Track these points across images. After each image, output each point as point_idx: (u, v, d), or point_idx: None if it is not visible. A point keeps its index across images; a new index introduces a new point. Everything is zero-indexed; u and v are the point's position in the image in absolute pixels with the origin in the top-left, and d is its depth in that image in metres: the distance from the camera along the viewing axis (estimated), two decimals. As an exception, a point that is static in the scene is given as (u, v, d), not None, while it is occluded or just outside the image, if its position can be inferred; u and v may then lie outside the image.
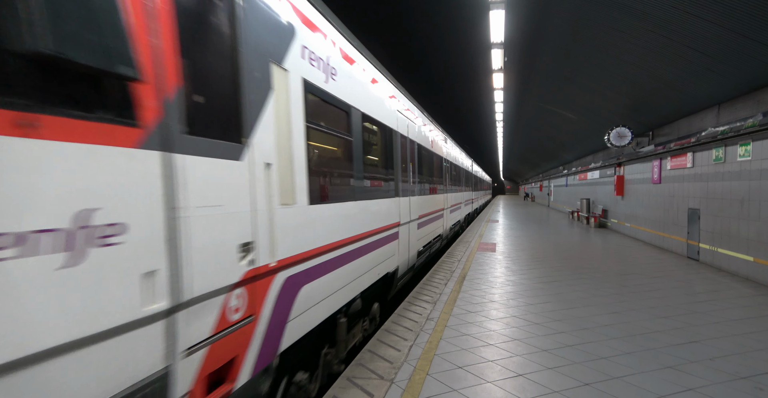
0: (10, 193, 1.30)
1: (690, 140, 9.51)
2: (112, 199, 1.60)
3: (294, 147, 2.99)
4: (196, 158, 2.04)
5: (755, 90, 7.62)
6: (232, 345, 2.31)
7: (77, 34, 1.44)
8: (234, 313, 2.32)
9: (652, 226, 12.45)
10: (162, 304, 1.82)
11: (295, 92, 3.02)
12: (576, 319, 5.33)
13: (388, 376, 3.76)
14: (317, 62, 3.44)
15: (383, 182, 5.37)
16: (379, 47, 14.43)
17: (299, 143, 3.06)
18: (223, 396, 2.24)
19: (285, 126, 2.91)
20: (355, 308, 4.56)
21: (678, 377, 3.74)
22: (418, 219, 7.57)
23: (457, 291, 6.75)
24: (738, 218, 8.04)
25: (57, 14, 1.38)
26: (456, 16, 12.13)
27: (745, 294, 6.63)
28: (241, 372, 2.42)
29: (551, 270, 8.46)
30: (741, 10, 5.73)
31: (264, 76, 2.65)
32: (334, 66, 3.79)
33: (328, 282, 3.56)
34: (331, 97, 3.69)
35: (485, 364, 4.01)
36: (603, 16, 7.97)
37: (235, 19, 2.38)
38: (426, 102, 22.45)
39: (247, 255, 2.42)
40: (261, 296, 2.57)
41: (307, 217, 3.15)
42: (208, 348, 2.11)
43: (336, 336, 4.18)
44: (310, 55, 3.32)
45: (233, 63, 2.37)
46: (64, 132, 1.44)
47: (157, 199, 1.81)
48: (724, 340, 4.63)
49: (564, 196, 28.63)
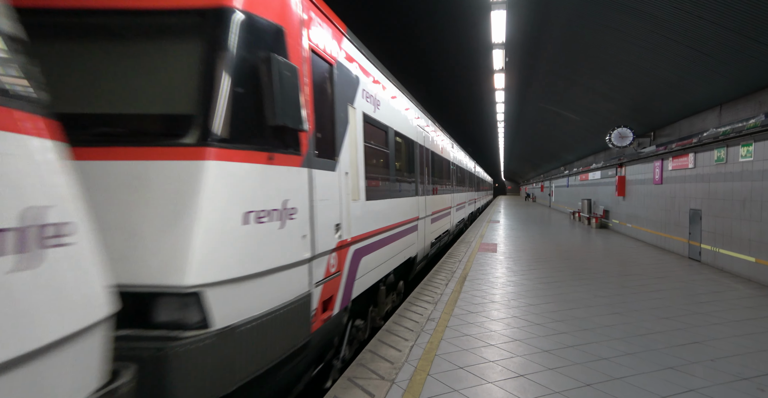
0: (271, 193, 2.71)
1: (691, 141, 9.49)
2: (294, 194, 2.92)
3: (358, 160, 4.33)
4: (318, 171, 3.32)
5: (757, 90, 7.61)
6: (331, 288, 3.58)
7: (293, 114, 2.79)
8: (332, 268, 3.58)
9: (654, 227, 12.43)
10: (308, 254, 3.10)
11: (358, 122, 4.39)
12: (577, 320, 5.33)
13: (389, 376, 3.76)
14: (370, 98, 4.82)
15: (409, 184, 6.87)
16: (381, 47, 14.44)
17: (360, 157, 4.41)
18: (326, 318, 3.47)
19: (353, 146, 4.21)
20: (389, 281, 5.95)
21: (679, 378, 3.73)
22: (432, 215, 9.00)
23: (458, 292, 6.75)
24: (740, 219, 8.03)
25: (284, 110, 2.69)
26: (457, 17, 12.12)
27: (747, 295, 6.62)
28: (335, 305, 3.67)
29: (552, 271, 8.45)
30: (742, 10, 5.72)
31: (345, 115, 3.98)
32: (378, 99, 5.21)
33: (377, 256, 4.91)
34: (376, 122, 5.09)
35: (486, 365, 4.00)
36: (604, 16, 7.97)
37: (333, 81, 3.71)
38: (427, 102, 22.46)
39: (338, 231, 3.68)
40: (343, 259, 3.85)
41: (365, 209, 4.48)
42: (323, 286, 3.37)
43: (377, 299, 5.53)
44: (366, 94, 4.70)
45: (332, 109, 3.69)
46: (280, 161, 2.78)
47: (307, 195, 3.11)
48: (725, 341, 4.62)
49: (565, 196, 28.60)
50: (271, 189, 2.69)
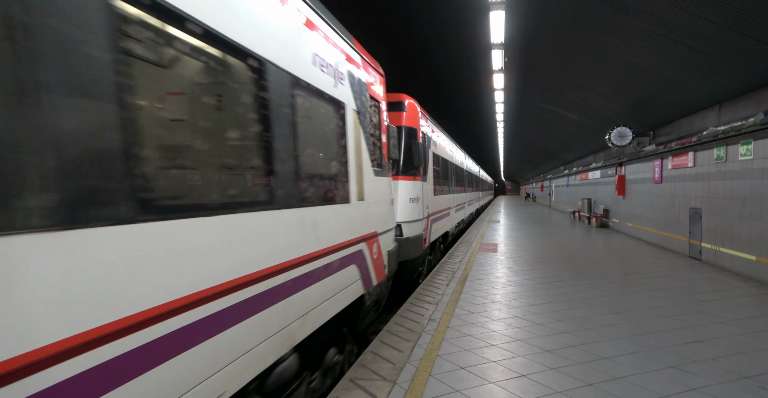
0: (416, 192, 7.70)
1: (691, 139, 9.49)
2: (419, 192, 7.69)
3: (430, 174, 8.78)
4: (423, 183, 8.07)
5: (756, 89, 7.62)
6: (426, 233, 8.14)
7: (420, 161, 7.68)
8: (425, 227, 8.05)
9: (654, 226, 12.43)
10: (424, 216, 7.98)
11: (431, 157, 8.97)
12: (578, 319, 5.33)
13: (390, 377, 3.76)
14: (435, 144, 9.77)
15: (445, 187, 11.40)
16: (382, 47, 14.44)
17: (431, 175, 8.88)
18: (426, 245, 8.08)
19: (430, 170, 8.75)
20: (438, 241, 10.54)
21: (681, 377, 3.73)
22: (456, 206, 13.56)
23: (459, 292, 6.75)
24: (740, 217, 8.03)
25: (418, 159, 7.57)
26: (457, 17, 12.14)
27: (748, 294, 6.62)
28: (427, 241, 8.32)
29: (553, 271, 8.45)
30: (741, 8, 5.73)
31: (427, 155, 8.50)
32: (436, 142, 10.00)
33: (437, 224, 9.50)
34: (436, 156, 9.85)
35: (488, 365, 4.00)
36: (602, 16, 7.97)
37: (426, 142, 8.54)
38: (428, 103, 22.46)
39: (426, 208, 8.24)
40: (428, 222, 8.38)
41: (434, 199, 9.18)
42: (425, 231, 8.01)
43: (434, 251, 10.04)
44: (434, 142, 9.73)
45: (425, 155, 8.33)
46: (416, 179, 7.58)
47: (422, 192, 7.87)
48: (727, 340, 4.62)
49: (565, 196, 28.60)
50: (416, 190, 7.47)
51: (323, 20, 3.43)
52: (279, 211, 2.59)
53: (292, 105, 2.79)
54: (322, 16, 3.40)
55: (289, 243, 2.68)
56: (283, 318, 2.63)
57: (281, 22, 2.72)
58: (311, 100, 3.10)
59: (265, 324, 2.43)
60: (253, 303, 2.32)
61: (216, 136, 2.13)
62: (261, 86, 2.47)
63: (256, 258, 2.34)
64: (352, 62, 4.05)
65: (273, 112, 2.56)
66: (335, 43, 3.65)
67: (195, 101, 2.02)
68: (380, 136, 4.94)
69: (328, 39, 3.49)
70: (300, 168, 2.85)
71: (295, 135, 2.81)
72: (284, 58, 2.73)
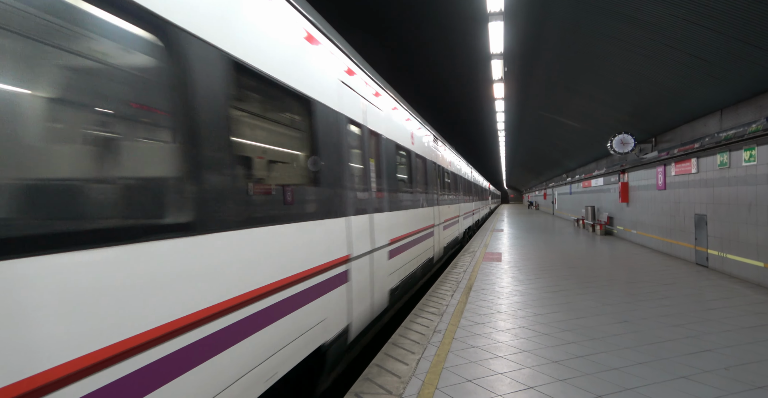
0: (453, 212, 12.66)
1: (694, 146, 9.47)
2: (455, 214, 12.97)
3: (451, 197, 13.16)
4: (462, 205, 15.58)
5: (757, 95, 7.62)
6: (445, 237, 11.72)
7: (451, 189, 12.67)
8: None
9: (659, 233, 12.34)
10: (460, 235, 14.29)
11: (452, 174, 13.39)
12: (586, 329, 5.25)
13: (396, 391, 3.70)
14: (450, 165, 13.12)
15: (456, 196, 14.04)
16: (384, 59, 14.58)
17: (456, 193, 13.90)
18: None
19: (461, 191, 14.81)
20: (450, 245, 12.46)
21: (693, 387, 3.66)
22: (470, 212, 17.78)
23: (464, 303, 6.68)
24: (746, 223, 7.96)
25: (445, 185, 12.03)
26: (456, 29, 12.26)
27: (758, 301, 6.52)
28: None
29: (559, 279, 8.37)
30: (740, 16, 5.76)
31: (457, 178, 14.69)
32: (450, 160, 13.14)
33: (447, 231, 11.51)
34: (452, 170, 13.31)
35: (495, 377, 3.94)
36: (601, 25, 8.03)
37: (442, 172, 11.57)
38: (428, 112, 22.58)
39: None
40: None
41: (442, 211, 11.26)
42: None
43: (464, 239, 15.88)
44: (449, 164, 12.98)
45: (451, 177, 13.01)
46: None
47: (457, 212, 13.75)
48: (738, 349, 4.54)
49: (569, 203, 28.50)
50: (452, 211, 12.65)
51: (413, 116, 7.91)
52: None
53: (425, 167, 8.42)
54: (413, 115, 7.91)
55: None
56: None
57: (404, 123, 7.03)
58: (421, 159, 8.18)
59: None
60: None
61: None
62: (408, 160, 7.19)
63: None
64: (424, 133, 8.92)
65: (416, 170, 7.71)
66: (421, 125, 8.68)
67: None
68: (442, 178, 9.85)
69: (420, 128, 8.57)
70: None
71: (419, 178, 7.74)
72: (402, 140, 6.80)
